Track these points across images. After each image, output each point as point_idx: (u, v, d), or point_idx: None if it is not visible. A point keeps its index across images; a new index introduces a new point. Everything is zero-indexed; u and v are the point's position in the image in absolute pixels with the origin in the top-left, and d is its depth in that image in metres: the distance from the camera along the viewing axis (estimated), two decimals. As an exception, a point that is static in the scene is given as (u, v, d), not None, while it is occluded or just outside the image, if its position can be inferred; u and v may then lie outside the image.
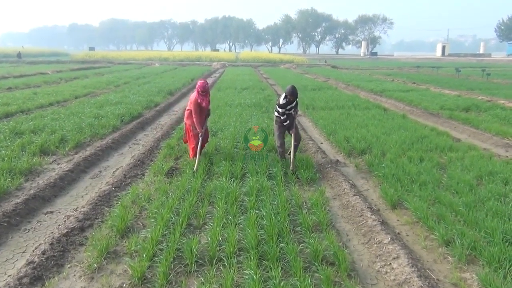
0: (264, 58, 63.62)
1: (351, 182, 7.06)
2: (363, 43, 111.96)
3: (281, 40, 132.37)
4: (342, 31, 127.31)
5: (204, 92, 7.64)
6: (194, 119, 7.66)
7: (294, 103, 7.81)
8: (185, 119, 8.02)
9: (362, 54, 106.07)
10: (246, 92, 19.24)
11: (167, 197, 6.00)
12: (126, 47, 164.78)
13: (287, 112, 7.75)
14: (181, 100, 18.58)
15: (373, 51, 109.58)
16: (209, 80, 29.07)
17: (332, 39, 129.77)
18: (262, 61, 59.08)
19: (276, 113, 7.97)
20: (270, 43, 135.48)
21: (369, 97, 19.09)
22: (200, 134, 7.65)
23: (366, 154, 8.60)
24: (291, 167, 7.47)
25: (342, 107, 14.81)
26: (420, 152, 8.57)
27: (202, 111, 7.79)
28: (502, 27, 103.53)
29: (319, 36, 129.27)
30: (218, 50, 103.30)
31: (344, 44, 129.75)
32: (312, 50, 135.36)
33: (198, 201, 5.95)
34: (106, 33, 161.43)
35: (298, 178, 7.21)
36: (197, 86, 7.64)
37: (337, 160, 8.48)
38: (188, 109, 7.89)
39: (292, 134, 7.81)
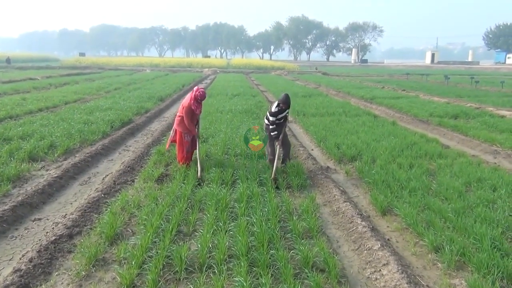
0: (255, 64, 63.78)
1: (341, 188, 7.08)
2: (354, 51, 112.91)
3: (272, 47, 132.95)
4: (333, 38, 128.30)
5: (202, 100, 7.62)
6: (186, 124, 7.60)
7: (286, 112, 7.76)
8: (175, 125, 7.94)
9: (352, 61, 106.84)
10: (237, 98, 19.26)
11: (157, 204, 5.97)
12: (117, 53, 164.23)
13: (277, 121, 7.69)
14: (172, 106, 18.54)
15: (363, 58, 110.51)
16: (201, 86, 29.05)
17: (323, 46, 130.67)
18: (253, 68, 59.20)
19: (266, 121, 7.96)
20: (261, 50, 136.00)
21: (360, 104, 19.21)
22: (196, 137, 7.67)
23: (357, 161, 8.64)
24: (272, 175, 7.22)
25: (332, 113, 14.88)
26: (410, 158, 8.63)
27: (194, 118, 7.75)
28: (490, 36, 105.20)
29: (310, 43, 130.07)
30: (209, 57, 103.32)
31: (334, 51, 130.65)
32: (303, 57, 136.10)
33: (188, 208, 5.92)
34: (96, 39, 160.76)
35: (289, 184, 7.22)
36: (195, 93, 7.52)
37: (328, 167, 8.51)
38: (179, 116, 7.81)
39: (278, 145, 7.69)
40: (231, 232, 5.11)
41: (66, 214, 5.92)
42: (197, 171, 7.31)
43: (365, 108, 17.62)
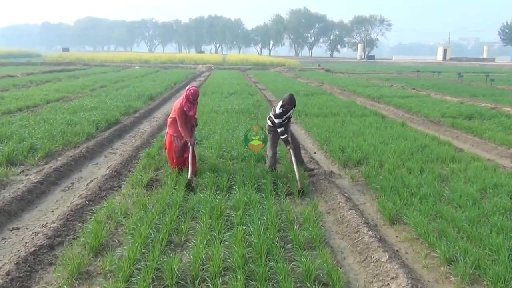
0: (253, 60, 63.78)
1: (346, 195, 7.07)
2: (359, 46, 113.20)
3: (271, 42, 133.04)
4: (337, 32, 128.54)
5: (195, 100, 7.55)
6: (179, 129, 7.51)
7: (290, 112, 7.85)
8: (167, 127, 7.93)
9: (358, 58, 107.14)
10: (233, 97, 19.27)
11: (146, 212, 5.95)
12: (104, 48, 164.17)
13: (283, 122, 7.75)
14: (162, 105, 18.54)
15: (370, 54, 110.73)
16: (195, 84, 29.07)
17: (326, 41, 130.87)
18: (251, 64, 59.23)
19: (269, 122, 8.01)
20: (259, 45, 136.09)
21: (366, 104, 19.23)
22: (189, 143, 7.48)
23: (363, 165, 8.64)
24: (298, 185, 7.19)
25: (337, 114, 14.90)
26: (420, 163, 8.64)
27: (187, 120, 7.68)
28: (506, 30, 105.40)
29: (313, 38, 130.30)
30: (203, 52, 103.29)
31: (339, 46, 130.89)
32: (305, 53, 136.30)
33: (180, 216, 5.90)
34: (81, 33, 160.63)
35: (289, 191, 7.21)
36: (186, 92, 7.49)
37: (331, 171, 8.50)
38: (171, 117, 7.78)
39: (291, 150, 7.72)
40: (227, 243, 5.09)
41: (47, 223, 5.90)
42: (188, 173, 7.24)
43: (372, 108, 17.64)
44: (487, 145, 11.01)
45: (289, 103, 7.67)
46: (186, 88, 7.66)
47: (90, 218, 5.88)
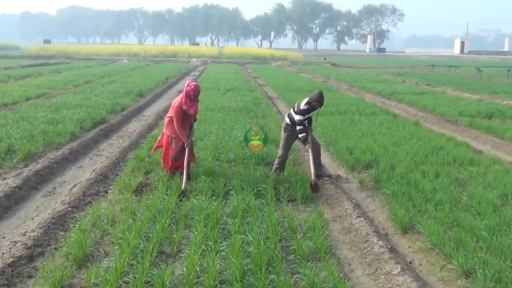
0: (253, 54, 63.85)
1: (354, 201, 7.08)
2: (369, 38, 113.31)
3: (272, 33, 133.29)
4: (345, 23, 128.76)
5: (196, 97, 7.53)
6: (176, 129, 7.48)
7: (315, 112, 7.96)
8: (164, 127, 7.90)
9: (367, 51, 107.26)
10: (231, 93, 19.29)
11: (134, 219, 5.94)
12: (89, 40, 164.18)
13: (304, 121, 7.84)
14: (153, 102, 18.55)
15: (380, 47, 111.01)
16: (188, 80, 29.02)
17: (333, 32, 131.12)
18: (250, 58, 59.29)
19: (287, 119, 8.09)
20: (259, 37, 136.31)
21: (376, 101, 19.25)
22: (186, 145, 7.49)
23: (372, 168, 8.65)
24: (312, 177, 7.45)
25: (344, 112, 14.91)
26: (436, 166, 8.64)
27: (186, 120, 7.64)
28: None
29: (318, 29, 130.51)
30: (198, 44, 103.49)
31: (346, 38, 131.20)
32: (309, 45, 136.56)
33: (172, 224, 5.90)
34: (64, 23, 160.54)
35: (291, 196, 7.21)
36: (186, 88, 7.46)
37: (338, 175, 8.51)
38: (169, 116, 7.75)
39: (309, 148, 7.84)
40: (223, 253, 5.09)
41: (26, 232, 5.89)
42: (182, 181, 7.25)
43: (382, 105, 17.66)
44: (508, 147, 11.02)
45: (318, 101, 7.72)
46: (186, 84, 7.63)
47: (74, 227, 5.87)
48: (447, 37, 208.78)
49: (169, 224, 5.86)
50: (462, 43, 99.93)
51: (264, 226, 5.77)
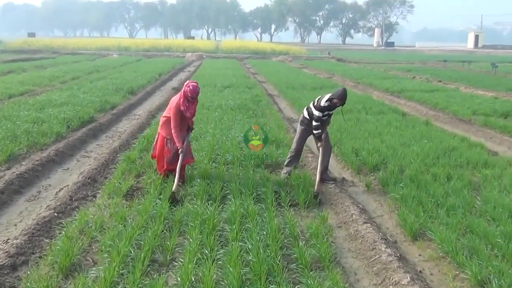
0: (252, 48, 63.85)
1: (360, 206, 7.08)
2: (377, 31, 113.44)
3: (273, 26, 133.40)
4: (350, 15, 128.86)
5: (194, 98, 7.52)
6: (172, 131, 7.49)
7: (334, 110, 8.06)
8: (159, 127, 7.92)
9: (375, 45, 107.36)
10: (228, 91, 19.30)
11: (125, 225, 5.94)
12: (76, 33, 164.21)
13: (322, 118, 7.91)
14: (145, 100, 18.54)
15: (389, 40, 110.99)
16: (182, 76, 29.14)
17: (338, 25, 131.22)
18: (249, 52, 59.25)
19: (305, 113, 8.17)
20: (259, 30, 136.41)
21: (384, 99, 19.26)
22: (180, 150, 7.45)
23: (380, 171, 8.65)
24: (315, 188, 7.49)
25: (349, 110, 14.88)
26: (448, 168, 8.65)
27: (183, 122, 7.68)
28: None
29: (321, 22, 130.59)
30: (193, 38, 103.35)
31: (352, 31, 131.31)
32: (312, 39, 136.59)
33: (165, 231, 5.90)
34: (50, 16, 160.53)
35: (293, 201, 7.21)
36: (184, 88, 7.47)
37: (343, 178, 8.53)
38: (165, 116, 7.77)
39: (320, 149, 7.92)
40: (220, 262, 5.10)
41: (8, 239, 5.88)
42: (174, 183, 7.24)
43: (391, 103, 17.67)
44: (526, 148, 11.03)
45: (341, 99, 7.78)
46: (185, 83, 7.63)
47: (60, 233, 5.86)
48: (460, 30, 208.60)
49: (162, 231, 5.85)
50: (476, 37, 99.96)
51: (264, 232, 5.77)
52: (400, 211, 6.72)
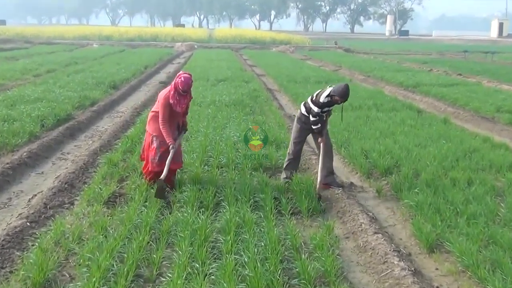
0: (249, 37, 63.89)
1: (370, 214, 7.09)
2: (389, 18, 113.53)
3: (273, 13, 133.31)
4: (360, 0, 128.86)
5: (185, 92, 7.43)
6: (160, 125, 7.41)
7: (334, 106, 8.12)
8: (146, 124, 7.89)
9: (387, 34, 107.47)
10: (222, 85, 19.31)
11: (106, 236, 5.94)
12: (52, 21, 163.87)
13: (321, 113, 7.94)
14: (129, 96, 18.55)
15: (403, 29, 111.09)
16: (171, 68, 29.14)
17: (346, 11, 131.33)
18: (246, 42, 59.31)
19: (302, 109, 8.20)
20: (257, 17, 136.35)
21: (397, 94, 19.29)
22: (171, 147, 7.36)
23: (393, 175, 8.66)
24: (317, 187, 7.65)
25: (359, 107, 14.93)
26: (468, 171, 8.65)
27: (173, 117, 7.57)
28: None
29: (327, 8, 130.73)
30: (183, 26, 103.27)
31: (362, 18, 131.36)
32: (317, 27, 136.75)
33: (151, 242, 5.90)
34: (22, 1, 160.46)
35: (295, 209, 7.21)
36: (176, 80, 7.40)
37: (351, 183, 8.53)
38: (153, 111, 7.74)
39: (322, 145, 7.97)
40: (213, 277, 5.10)
41: (-25, 251, 5.88)
42: (163, 173, 7.25)
43: (405, 99, 17.69)
44: (556, 149, 11.04)
45: (342, 96, 7.82)
46: (177, 75, 7.59)
47: (33, 245, 5.85)
48: (483, 17, 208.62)
49: (148, 242, 5.86)
50: (501, 25, 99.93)
51: (262, 244, 5.76)
52: (415, 220, 6.72)
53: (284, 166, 8.44)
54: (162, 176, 7.15)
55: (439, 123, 12.90)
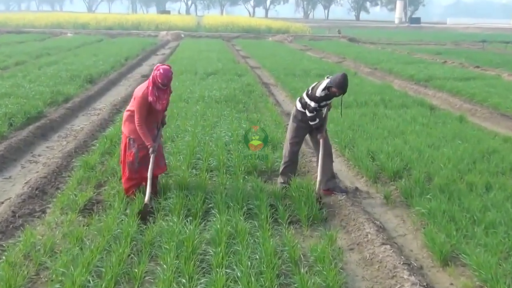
0: (243, 25, 63.91)
1: (377, 222, 7.09)
2: (399, 4, 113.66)
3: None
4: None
5: (165, 85, 7.25)
6: (137, 127, 7.25)
7: (332, 100, 8.05)
8: (122, 125, 7.75)
9: (396, 21, 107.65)
10: (212, 79, 19.33)
11: (82, 248, 5.93)
12: (21, 7, 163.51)
13: (318, 108, 7.91)
14: (108, 91, 18.54)
15: (414, 16, 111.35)
16: (155, 60, 29.12)
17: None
18: (238, 31, 59.36)
19: (298, 105, 8.15)
20: (251, 2, 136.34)
21: (408, 89, 19.33)
22: (151, 150, 7.26)
23: (402, 179, 8.67)
24: (316, 188, 7.67)
25: (365, 103, 14.94)
26: (487, 175, 8.67)
27: (152, 116, 7.45)
28: None
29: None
30: (168, 13, 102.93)
31: (368, 4, 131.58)
32: (318, 14, 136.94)
33: (132, 255, 5.89)
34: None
35: (293, 216, 7.21)
36: (153, 73, 7.21)
37: (356, 188, 8.55)
38: (129, 110, 7.57)
39: (321, 141, 7.96)
40: (202, 294, 5.09)
41: None
42: (146, 193, 7.19)
43: (416, 95, 17.73)
44: None
45: (340, 87, 7.64)
46: (155, 67, 7.39)
47: (0, 259, 5.86)
48: (502, 3, 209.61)
49: (129, 255, 5.85)
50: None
51: (257, 256, 5.76)
52: (427, 229, 6.73)
53: (281, 170, 8.43)
54: (146, 199, 7.05)
55: (454, 121, 12.92)
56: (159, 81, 7.13)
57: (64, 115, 13.69)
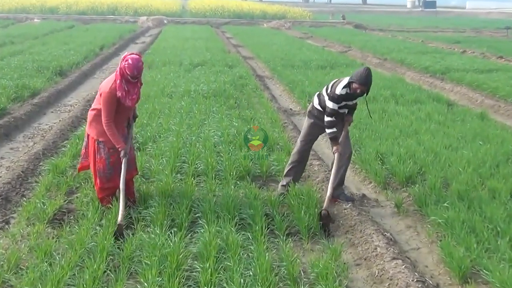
0: (234, 9, 63.80)
1: (387, 234, 7.10)
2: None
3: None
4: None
5: (135, 77, 7.15)
6: (105, 128, 7.16)
7: (358, 99, 7.95)
8: (87, 126, 7.64)
9: (409, 5, 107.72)
10: (200, 70, 19.36)
11: (51, 264, 5.92)
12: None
13: (339, 110, 7.82)
14: (80, 85, 18.52)
15: (428, 0, 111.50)
16: (134, 49, 29.05)
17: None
18: (229, 16, 59.35)
19: (315, 101, 8.18)
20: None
21: (422, 82, 19.36)
22: (122, 154, 7.18)
23: (416, 185, 8.69)
24: (324, 204, 7.50)
25: (373, 99, 14.92)
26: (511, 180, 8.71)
27: (122, 114, 7.37)
28: None
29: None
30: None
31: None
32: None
33: (108, 271, 5.89)
34: None
35: (292, 228, 7.22)
36: (121, 64, 7.09)
37: (363, 195, 8.57)
38: (94, 108, 7.49)
39: (336, 155, 7.86)
40: (188, 315, 5.10)
41: None
42: (119, 211, 7.06)
43: (431, 89, 17.75)
44: None
45: (363, 82, 7.47)
46: (122, 57, 7.27)
47: (-43, 276, 5.84)
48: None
49: (105, 271, 5.84)
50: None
51: (251, 273, 5.77)
52: (444, 242, 6.74)
53: (286, 171, 8.42)
54: (120, 220, 6.88)
55: (475, 119, 12.95)
56: (128, 73, 7.02)
57: (30, 112, 13.65)
